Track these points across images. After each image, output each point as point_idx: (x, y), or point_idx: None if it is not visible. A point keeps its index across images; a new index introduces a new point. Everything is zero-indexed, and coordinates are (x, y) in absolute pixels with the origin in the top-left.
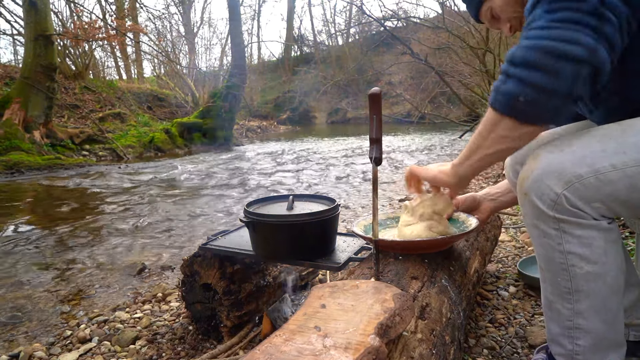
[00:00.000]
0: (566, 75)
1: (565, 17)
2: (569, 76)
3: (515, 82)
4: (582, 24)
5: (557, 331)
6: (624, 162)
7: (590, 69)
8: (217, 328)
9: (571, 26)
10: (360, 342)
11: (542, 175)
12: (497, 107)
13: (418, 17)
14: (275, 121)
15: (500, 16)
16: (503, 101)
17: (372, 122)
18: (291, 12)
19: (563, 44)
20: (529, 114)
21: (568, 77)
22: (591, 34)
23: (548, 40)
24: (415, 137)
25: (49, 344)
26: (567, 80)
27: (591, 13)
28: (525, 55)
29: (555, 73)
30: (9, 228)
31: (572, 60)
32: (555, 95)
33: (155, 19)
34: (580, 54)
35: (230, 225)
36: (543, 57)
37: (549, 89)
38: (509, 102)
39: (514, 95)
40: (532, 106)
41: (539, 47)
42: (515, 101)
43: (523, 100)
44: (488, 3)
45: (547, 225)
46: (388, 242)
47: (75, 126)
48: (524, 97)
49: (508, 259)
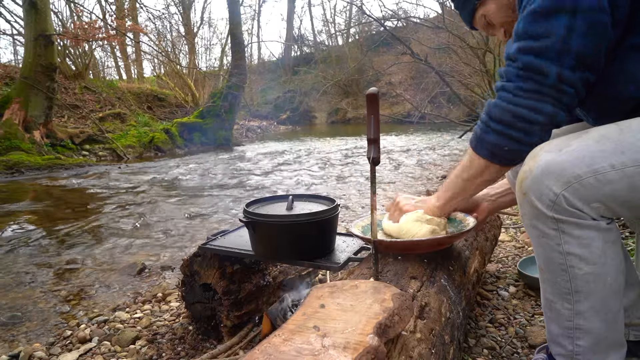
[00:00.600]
0: (535, 133)
1: (531, 88)
2: (537, 133)
3: (496, 135)
4: (544, 95)
5: (557, 331)
6: (622, 162)
7: (552, 127)
8: (217, 328)
9: (536, 96)
10: (359, 342)
11: (541, 175)
12: (485, 155)
13: (418, 17)
14: (275, 121)
15: (494, 22)
16: (490, 149)
17: (370, 122)
18: (291, 12)
19: (530, 113)
20: (510, 159)
21: (536, 134)
22: (552, 103)
23: (519, 108)
24: (415, 137)
25: (49, 344)
26: (535, 135)
27: (552, 87)
28: (501, 116)
29: (526, 132)
30: (9, 228)
31: (538, 124)
32: (528, 144)
33: (155, 19)
34: (543, 120)
35: (230, 225)
36: (515, 120)
37: (522, 140)
38: (496, 151)
39: (498, 146)
40: (513, 154)
41: (512, 111)
42: (500, 150)
43: (507, 150)
44: (481, 10)
45: (546, 226)
46: (387, 243)
47: (75, 126)
48: (507, 147)
49: (508, 259)
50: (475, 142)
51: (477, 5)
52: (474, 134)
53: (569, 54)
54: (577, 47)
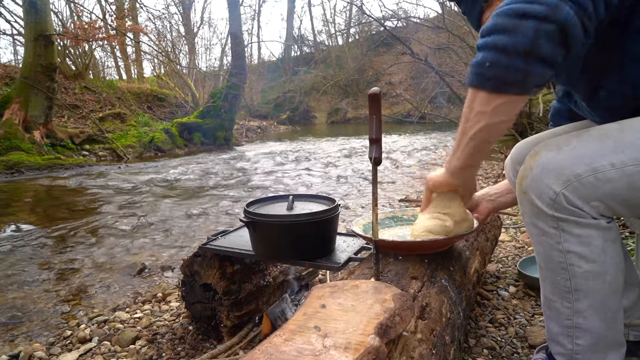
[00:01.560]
0: (525, 31)
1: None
2: (528, 32)
3: (482, 51)
4: None
5: (557, 330)
6: (622, 161)
7: (552, 27)
8: (217, 328)
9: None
10: (360, 342)
11: (540, 174)
12: (470, 81)
13: (418, 17)
14: (275, 121)
15: None
16: (474, 72)
17: (372, 122)
18: (291, 12)
19: (524, 4)
20: (496, 80)
21: (527, 32)
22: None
23: (512, 4)
24: (415, 137)
25: (49, 344)
26: (526, 35)
27: None
28: (491, 23)
29: (513, 31)
30: (9, 228)
31: (532, 17)
32: (516, 52)
33: (155, 19)
34: (539, 10)
35: (230, 225)
36: (505, 19)
37: (508, 47)
38: (478, 71)
39: (482, 63)
40: (497, 69)
41: (503, 11)
42: (482, 68)
43: (488, 65)
44: (488, 12)
45: (546, 224)
46: (388, 242)
47: (75, 126)
48: (489, 62)
49: (508, 259)
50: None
51: (483, 8)
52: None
53: None
54: None
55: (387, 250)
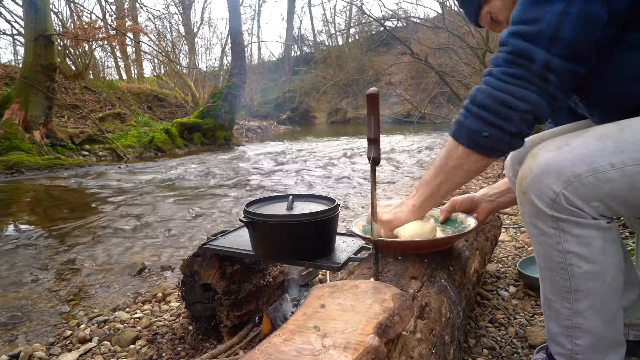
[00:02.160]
0: (514, 121)
1: (517, 73)
2: (516, 121)
3: (476, 119)
4: (529, 82)
5: (557, 330)
6: (622, 161)
7: (532, 116)
8: (217, 328)
9: (521, 83)
10: (360, 342)
11: (540, 174)
12: (463, 141)
13: (418, 17)
14: (275, 121)
15: (500, 18)
16: (470, 135)
17: (370, 122)
18: (291, 12)
19: (512, 99)
20: (490, 148)
21: (515, 121)
22: (536, 91)
23: (502, 93)
24: (415, 137)
25: (49, 344)
26: (515, 123)
27: (537, 74)
28: (485, 101)
29: (506, 118)
30: (9, 228)
31: (519, 111)
32: (507, 132)
33: (155, 19)
34: (525, 108)
35: (230, 225)
36: (497, 105)
37: (503, 127)
38: (475, 138)
39: (478, 132)
40: (492, 141)
41: (495, 97)
42: (478, 137)
43: (486, 135)
44: (486, 7)
45: (545, 224)
46: (387, 242)
47: (75, 126)
48: (487, 133)
49: (508, 259)
50: (455, 129)
51: (482, 3)
52: (455, 121)
53: (559, 41)
54: (569, 35)
55: (386, 250)
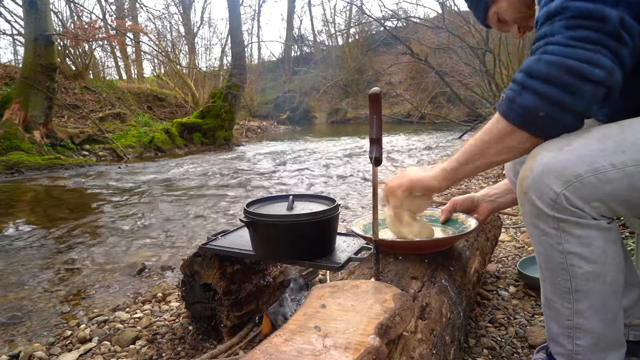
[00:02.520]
0: (585, 95)
1: (586, 36)
2: (587, 95)
3: (532, 95)
4: (602, 44)
5: (557, 331)
6: (623, 162)
7: (605, 90)
8: (217, 328)
9: (592, 47)
10: (360, 342)
11: (541, 174)
12: (513, 120)
13: (418, 17)
14: (275, 121)
15: (507, 19)
16: (522, 114)
17: (372, 122)
18: (291, 12)
19: (585, 65)
20: (545, 129)
21: (586, 96)
22: (610, 56)
23: (570, 59)
24: (415, 137)
25: (49, 344)
26: (584, 99)
27: (611, 35)
28: (547, 71)
29: (575, 91)
30: (9, 228)
31: (592, 81)
32: (572, 112)
33: (155, 19)
34: (600, 76)
35: (230, 225)
36: (565, 76)
37: (568, 106)
38: (528, 116)
39: (534, 110)
40: (549, 121)
41: (562, 64)
42: (534, 116)
43: (542, 115)
44: (493, 8)
45: (546, 225)
46: (388, 242)
47: (75, 126)
48: (544, 112)
49: (508, 259)
50: (504, 106)
51: (489, 4)
52: (503, 97)
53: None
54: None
55: (387, 250)
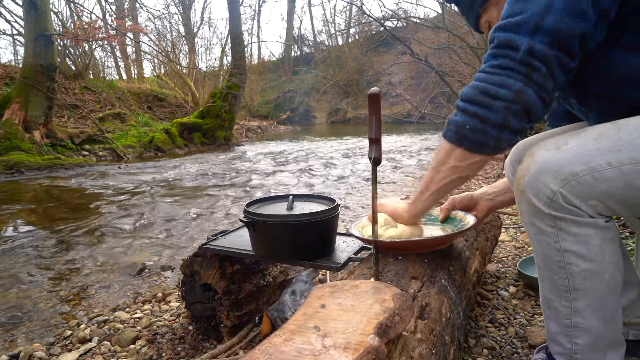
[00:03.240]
0: (498, 110)
1: (501, 64)
2: (501, 111)
3: (461, 114)
4: (513, 70)
5: (556, 330)
6: (619, 160)
7: (520, 107)
8: (217, 328)
9: (505, 72)
10: (360, 342)
11: (538, 173)
12: (449, 137)
13: (418, 17)
14: (275, 121)
15: None
16: (453, 130)
17: (372, 122)
18: (291, 12)
19: (495, 87)
20: (475, 142)
21: (500, 111)
22: (521, 79)
23: (486, 84)
24: (415, 137)
25: (49, 344)
26: (499, 113)
27: (521, 62)
28: (469, 94)
29: (489, 108)
30: (9, 228)
31: (502, 99)
32: (493, 125)
33: (155, 19)
34: (507, 96)
35: (230, 225)
36: (480, 96)
37: (486, 119)
38: (458, 131)
39: (461, 124)
40: (476, 134)
41: (480, 88)
42: (462, 129)
43: (469, 128)
44: (484, 16)
45: (543, 223)
46: (387, 243)
47: (75, 126)
48: (469, 126)
49: (508, 259)
50: (444, 129)
51: (480, 12)
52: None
53: (542, 30)
54: (553, 24)
55: (386, 250)
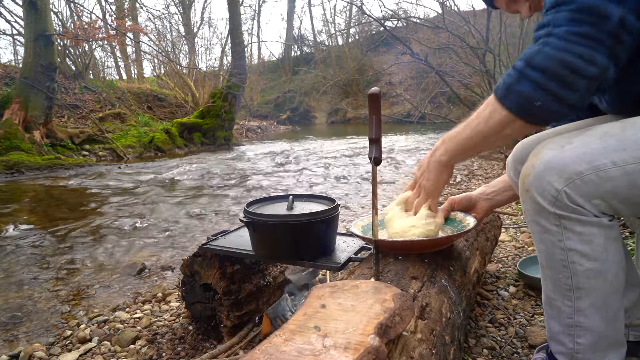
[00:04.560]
0: (579, 89)
1: (586, 32)
2: (581, 89)
3: (530, 84)
4: (600, 42)
5: (558, 329)
6: (624, 159)
7: (597, 83)
8: (217, 328)
9: (590, 43)
10: (360, 342)
11: (543, 171)
12: (509, 106)
13: (418, 17)
14: (275, 121)
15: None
16: (519, 101)
17: (372, 122)
18: (291, 12)
19: (581, 61)
20: (540, 118)
21: (580, 90)
22: (606, 53)
23: (568, 54)
24: (415, 137)
25: (49, 344)
26: (578, 92)
27: (610, 33)
28: (546, 63)
29: (570, 85)
30: (9, 228)
31: (587, 77)
32: (566, 103)
33: (155, 19)
34: (594, 73)
35: (230, 225)
36: (562, 70)
37: (562, 98)
38: (526, 105)
39: (531, 99)
40: (545, 111)
41: (559, 59)
42: (531, 105)
43: (539, 105)
44: None
45: (547, 222)
46: (388, 243)
47: (75, 126)
48: (540, 102)
49: (508, 259)
50: (502, 91)
51: None
52: (501, 82)
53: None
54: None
55: (386, 250)
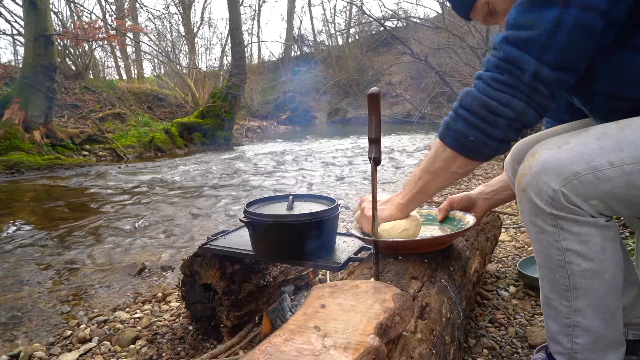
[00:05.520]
0: (500, 127)
1: (506, 81)
2: (503, 127)
3: (463, 122)
4: (517, 90)
5: (556, 329)
6: (621, 160)
7: (520, 124)
8: (217, 328)
9: (509, 90)
10: (360, 342)
11: (539, 172)
12: (450, 145)
13: (418, 17)
14: (275, 121)
15: (498, 9)
16: (457, 139)
17: (371, 122)
18: (291, 12)
19: (499, 106)
20: (477, 152)
21: (502, 128)
22: (524, 100)
23: (489, 99)
24: (415, 137)
25: (49, 344)
26: (501, 129)
27: (526, 84)
28: (472, 105)
29: (492, 123)
30: (9, 228)
31: (505, 118)
32: (494, 138)
33: (155, 19)
34: (511, 116)
35: (230, 225)
36: (483, 110)
37: (489, 133)
38: (462, 141)
39: (464, 134)
40: (478, 144)
41: (483, 102)
42: (466, 140)
43: (472, 140)
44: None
45: (544, 222)
46: (387, 242)
47: (75, 126)
48: (472, 137)
49: (508, 259)
50: (442, 131)
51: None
52: (442, 123)
53: (551, 50)
54: (561, 44)
55: (386, 250)
